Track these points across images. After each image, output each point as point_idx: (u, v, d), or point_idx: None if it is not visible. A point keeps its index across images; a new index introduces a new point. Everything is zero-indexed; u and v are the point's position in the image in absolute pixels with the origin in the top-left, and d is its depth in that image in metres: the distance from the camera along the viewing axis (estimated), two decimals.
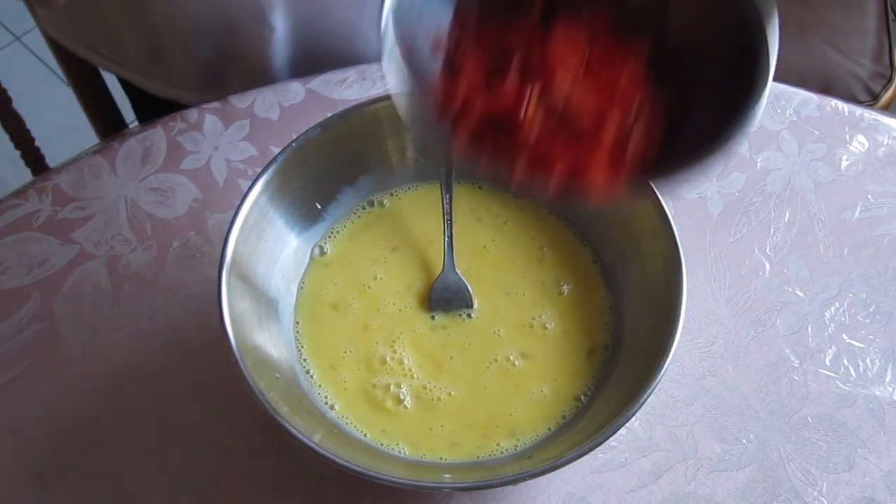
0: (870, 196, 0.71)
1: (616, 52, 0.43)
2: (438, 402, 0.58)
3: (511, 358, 0.60)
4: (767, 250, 0.68)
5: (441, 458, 0.57)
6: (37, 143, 1.02)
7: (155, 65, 0.84)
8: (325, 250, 0.64)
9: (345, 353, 0.60)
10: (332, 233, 0.64)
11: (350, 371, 0.60)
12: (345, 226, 0.64)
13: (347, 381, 0.59)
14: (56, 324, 0.63)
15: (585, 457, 0.51)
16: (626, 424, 0.52)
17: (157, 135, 0.71)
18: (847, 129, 0.75)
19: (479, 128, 0.40)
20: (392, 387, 0.59)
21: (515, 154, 0.40)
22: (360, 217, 0.65)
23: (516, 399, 0.59)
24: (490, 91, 0.41)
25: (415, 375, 0.59)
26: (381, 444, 0.57)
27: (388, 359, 0.60)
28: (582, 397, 0.59)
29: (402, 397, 0.58)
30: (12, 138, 1.00)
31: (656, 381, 0.53)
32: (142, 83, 0.87)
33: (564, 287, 0.62)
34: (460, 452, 0.57)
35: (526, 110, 0.40)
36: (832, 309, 0.66)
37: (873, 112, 0.76)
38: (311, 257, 0.63)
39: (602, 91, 0.41)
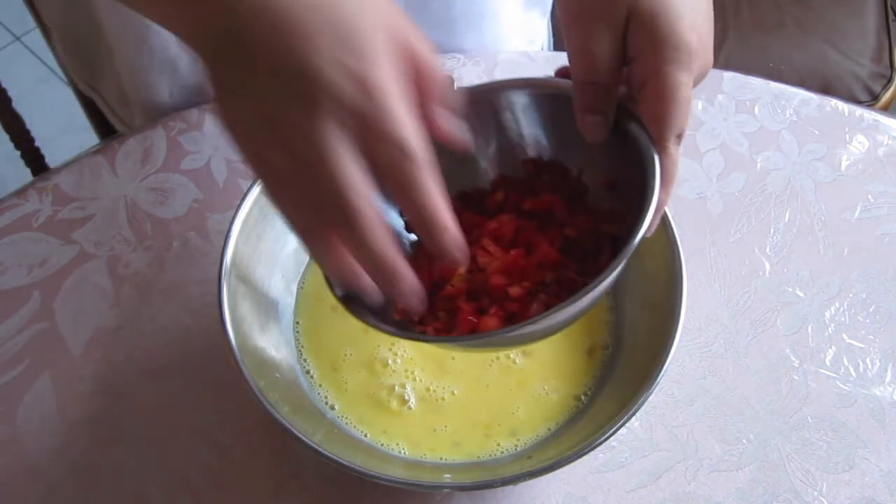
0: (870, 196, 0.71)
1: (538, 236, 0.52)
2: (442, 402, 0.59)
3: (511, 356, 0.60)
4: (767, 250, 0.68)
5: (441, 458, 0.57)
6: (37, 143, 1.02)
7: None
8: None
9: (346, 355, 0.60)
10: None
11: (352, 373, 0.59)
12: None
13: (349, 383, 0.59)
14: (56, 324, 0.63)
15: (585, 457, 0.52)
16: (626, 424, 0.52)
17: (157, 135, 0.71)
18: (847, 129, 0.75)
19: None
20: (397, 387, 0.59)
21: (439, 307, 0.50)
22: None
23: (519, 397, 0.59)
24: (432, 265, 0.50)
25: (417, 378, 0.59)
26: (382, 445, 0.57)
27: (389, 361, 0.60)
28: (582, 397, 0.59)
29: (406, 398, 0.58)
30: (12, 138, 1.00)
31: (656, 381, 0.53)
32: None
33: None
34: (461, 452, 0.57)
35: (451, 279, 0.50)
36: (832, 309, 0.66)
37: (873, 112, 0.76)
38: None
39: (511, 270, 0.50)
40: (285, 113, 0.37)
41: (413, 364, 0.60)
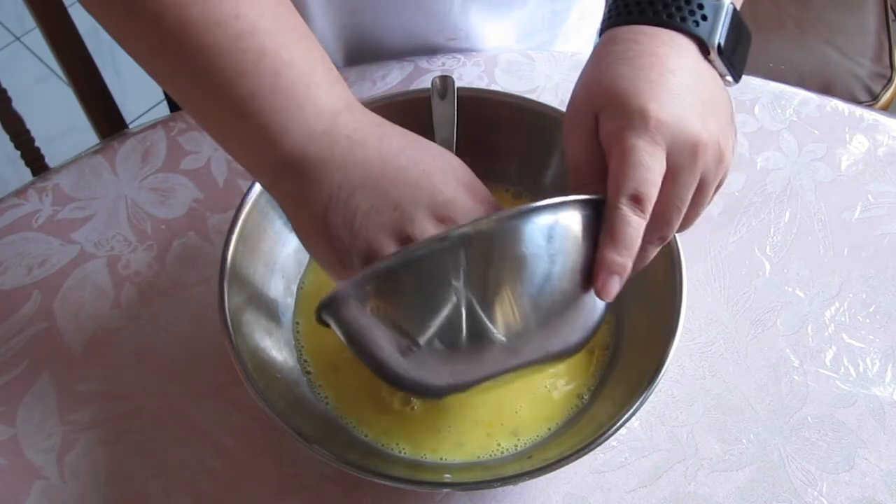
0: (870, 196, 0.71)
1: None
2: (446, 401, 0.58)
3: None
4: (767, 250, 0.68)
5: (441, 458, 0.57)
6: (37, 143, 1.02)
7: None
8: None
9: (346, 357, 0.60)
10: None
11: (353, 374, 0.59)
12: None
13: (350, 384, 0.59)
14: (56, 324, 0.63)
15: (585, 457, 0.52)
16: (626, 424, 0.52)
17: (157, 135, 0.71)
18: (847, 129, 0.75)
19: None
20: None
21: None
22: None
23: (522, 396, 0.59)
24: None
25: None
26: (382, 445, 0.57)
27: None
28: (584, 396, 0.59)
29: (409, 398, 0.58)
30: (12, 138, 1.00)
31: (656, 381, 0.53)
32: None
33: None
34: (463, 452, 0.57)
35: None
36: (832, 309, 0.66)
37: (873, 112, 0.76)
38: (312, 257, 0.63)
39: None
40: (381, 238, 0.46)
41: None
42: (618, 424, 0.52)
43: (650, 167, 0.46)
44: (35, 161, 1.03)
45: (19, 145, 1.00)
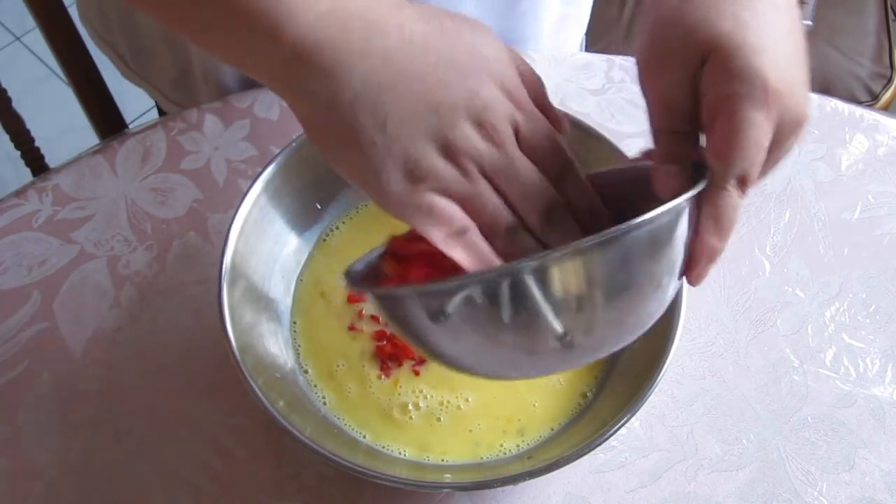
0: (870, 196, 0.71)
1: None
2: (472, 404, 0.58)
3: None
4: (767, 250, 0.68)
5: (443, 459, 0.57)
6: (37, 143, 1.02)
7: (138, 62, 0.85)
8: (331, 244, 0.64)
9: (338, 366, 0.60)
10: (332, 229, 0.64)
11: (351, 379, 0.59)
12: (343, 222, 0.65)
13: (352, 392, 0.59)
14: (56, 324, 0.63)
15: (585, 457, 0.52)
16: (627, 424, 0.52)
17: (157, 135, 0.71)
18: (847, 129, 0.75)
19: None
20: (410, 405, 0.59)
21: None
22: (360, 213, 0.65)
23: (537, 389, 0.59)
24: None
25: (427, 395, 0.59)
26: (384, 447, 0.57)
27: (382, 377, 0.60)
28: (588, 394, 0.59)
29: (435, 413, 0.58)
30: (12, 138, 1.00)
31: (656, 381, 0.53)
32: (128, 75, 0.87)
33: None
34: (471, 453, 0.57)
35: None
36: (832, 309, 0.66)
37: (873, 112, 0.76)
38: (320, 240, 0.64)
39: None
40: (421, 146, 0.42)
41: (419, 381, 0.59)
42: (617, 425, 0.52)
43: (763, 146, 0.43)
44: (35, 161, 1.03)
45: (19, 145, 1.00)
